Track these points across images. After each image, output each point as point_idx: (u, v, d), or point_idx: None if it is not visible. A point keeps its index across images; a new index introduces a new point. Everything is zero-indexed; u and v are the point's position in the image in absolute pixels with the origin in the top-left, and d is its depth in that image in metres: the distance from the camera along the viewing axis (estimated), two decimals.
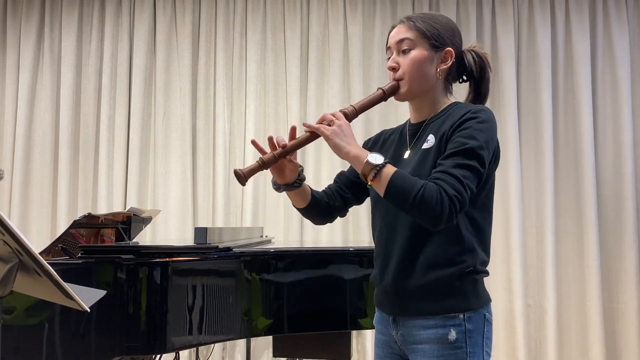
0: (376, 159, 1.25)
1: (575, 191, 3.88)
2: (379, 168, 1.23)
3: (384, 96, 1.39)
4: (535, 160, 3.90)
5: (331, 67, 3.99)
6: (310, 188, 1.54)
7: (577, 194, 3.86)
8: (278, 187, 1.46)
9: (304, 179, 1.46)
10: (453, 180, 1.21)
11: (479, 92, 1.42)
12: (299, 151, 1.41)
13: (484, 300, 1.33)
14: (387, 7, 4.04)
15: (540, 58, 3.91)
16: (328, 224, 4.02)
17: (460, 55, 1.41)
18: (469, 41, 4.06)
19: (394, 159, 1.41)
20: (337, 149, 1.29)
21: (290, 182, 1.44)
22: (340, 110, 1.36)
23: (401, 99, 1.41)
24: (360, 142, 1.41)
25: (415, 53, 1.36)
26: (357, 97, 3.92)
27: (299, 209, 1.54)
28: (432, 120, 1.39)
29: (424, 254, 1.30)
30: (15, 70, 4.14)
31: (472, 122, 1.27)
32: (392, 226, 1.35)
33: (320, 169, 3.92)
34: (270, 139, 1.38)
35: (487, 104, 1.41)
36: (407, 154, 1.40)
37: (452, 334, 1.28)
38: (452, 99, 1.43)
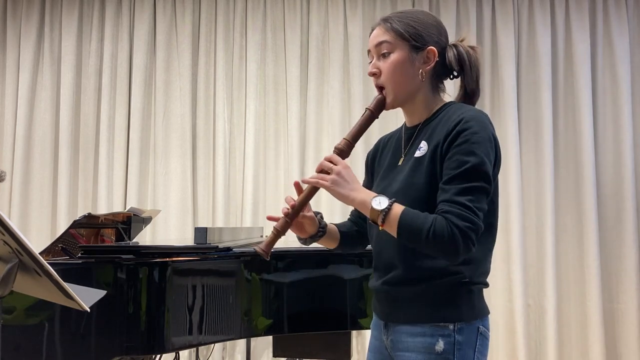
0: (380, 203, 1.21)
1: (575, 191, 3.87)
2: (385, 212, 1.20)
3: (373, 115, 1.35)
4: (535, 160, 3.90)
5: (331, 67, 3.99)
6: (337, 225, 1.53)
7: (577, 194, 3.86)
8: (304, 241, 1.45)
9: (325, 225, 1.45)
10: (461, 210, 1.16)
11: (465, 89, 1.35)
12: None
13: (479, 312, 1.28)
14: (387, 7, 4.04)
15: (540, 58, 3.91)
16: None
17: (444, 52, 1.34)
18: (468, 42, 4.06)
19: (390, 166, 1.39)
20: (342, 199, 1.26)
21: (314, 233, 1.43)
22: (336, 147, 1.31)
23: (390, 108, 1.36)
24: (364, 147, 1.39)
25: (394, 57, 1.31)
26: (357, 98, 3.93)
27: (334, 249, 1.53)
28: (426, 123, 1.34)
29: (418, 263, 1.26)
30: (15, 70, 4.14)
31: (467, 135, 1.21)
32: (386, 237, 1.31)
33: None
34: (283, 210, 1.36)
35: (487, 104, 1.39)
36: (401, 161, 1.36)
37: (440, 345, 1.23)
38: (447, 98, 1.38)
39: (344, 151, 1.31)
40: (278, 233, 1.33)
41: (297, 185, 1.38)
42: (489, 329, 1.31)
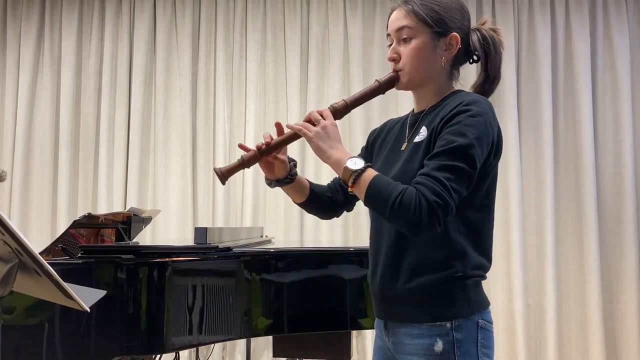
0: (356, 163, 1.17)
1: (575, 191, 3.87)
2: (357, 173, 1.16)
3: (380, 88, 1.31)
4: (535, 160, 3.90)
5: (331, 67, 3.99)
6: (311, 182, 1.49)
7: (577, 194, 3.86)
8: (270, 183, 1.43)
9: (295, 174, 1.42)
10: (435, 184, 1.11)
11: (487, 74, 1.31)
12: (300, 148, 1.41)
13: (477, 306, 1.23)
14: (387, 7, 4.03)
15: (540, 58, 3.91)
16: (328, 225, 4.01)
17: (467, 38, 1.29)
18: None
19: (393, 151, 1.35)
20: (319, 152, 1.22)
21: (282, 177, 1.40)
22: (331, 105, 1.29)
23: (402, 88, 1.32)
24: (364, 136, 1.38)
25: (416, 43, 1.26)
26: None
27: (298, 204, 1.50)
28: (431, 110, 1.30)
29: (407, 260, 1.23)
30: (15, 70, 4.14)
31: (462, 117, 1.17)
32: (380, 231, 1.30)
33: (321, 165, 3.92)
34: (257, 144, 1.34)
35: None
36: (404, 146, 1.31)
37: (439, 345, 1.19)
38: (458, 86, 1.34)
39: (338, 111, 1.29)
40: (243, 162, 1.31)
41: (279, 126, 1.36)
42: (492, 320, 1.27)
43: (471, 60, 1.34)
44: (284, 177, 1.40)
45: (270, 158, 1.36)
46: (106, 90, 4.04)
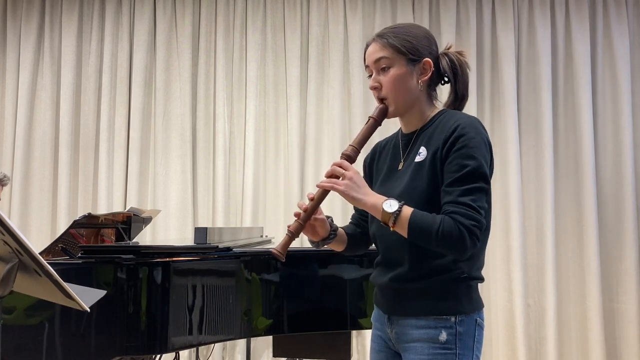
0: (391, 206, 1.29)
1: (575, 191, 3.87)
2: (396, 214, 1.28)
3: (376, 123, 1.43)
4: (535, 160, 3.90)
5: (331, 67, 3.99)
6: (344, 228, 1.59)
7: (577, 194, 3.86)
8: (317, 245, 1.50)
9: (336, 228, 1.51)
10: (466, 209, 1.26)
11: (456, 93, 1.44)
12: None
13: (477, 305, 1.38)
14: (387, 7, 4.04)
15: (540, 58, 3.91)
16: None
17: (437, 62, 1.43)
18: (468, 42, 4.09)
19: (390, 171, 1.47)
20: (355, 202, 1.34)
21: (325, 236, 1.48)
22: (343, 153, 1.39)
23: (391, 116, 1.44)
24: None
25: (394, 71, 1.39)
26: (357, 98, 3.93)
27: (341, 252, 1.60)
28: (422, 130, 1.43)
29: (424, 263, 1.35)
30: (15, 70, 4.14)
31: (465, 140, 1.30)
32: (394, 236, 1.37)
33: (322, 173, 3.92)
34: (296, 213, 1.41)
35: (487, 104, 1.42)
36: (400, 165, 1.44)
37: (443, 335, 1.33)
38: (439, 105, 1.47)
39: (351, 157, 1.39)
40: (292, 235, 1.39)
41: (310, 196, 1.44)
42: (484, 320, 1.42)
43: (442, 82, 1.47)
44: (328, 235, 1.48)
45: (311, 221, 1.43)
46: (106, 90, 4.04)
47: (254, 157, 3.96)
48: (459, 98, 1.45)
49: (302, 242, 3.72)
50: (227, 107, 4.03)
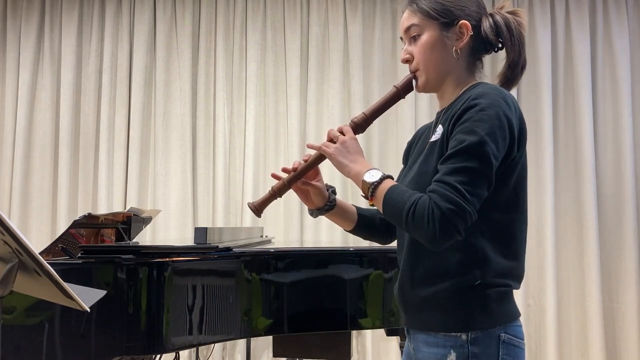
0: (372, 176, 1.14)
1: (575, 191, 3.87)
2: (374, 186, 1.13)
3: (398, 93, 1.26)
4: (535, 160, 3.90)
5: (331, 67, 3.99)
6: (358, 207, 1.44)
7: (577, 194, 3.86)
8: (312, 212, 1.41)
9: (334, 200, 1.38)
10: (447, 190, 1.05)
11: (508, 62, 1.24)
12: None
13: (500, 318, 1.13)
14: (387, 7, 4.04)
15: (540, 58, 3.91)
16: (328, 225, 4.00)
17: (479, 25, 1.22)
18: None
19: (417, 154, 1.28)
20: (340, 168, 1.21)
21: (321, 205, 1.38)
22: (352, 120, 1.26)
23: (421, 90, 1.26)
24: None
25: (424, 38, 1.21)
26: (357, 98, 3.92)
27: (350, 232, 1.44)
28: (449, 107, 1.22)
29: (423, 265, 1.17)
30: (15, 70, 4.14)
31: (472, 112, 1.10)
32: (401, 233, 1.27)
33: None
34: (284, 169, 1.33)
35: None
36: (427, 147, 1.25)
37: (452, 357, 1.12)
38: (482, 77, 1.28)
39: (359, 125, 1.26)
40: (274, 193, 1.32)
41: (309, 147, 1.34)
42: (521, 336, 1.16)
43: (496, 49, 1.26)
44: (323, 205, 1.37)
45: (301, 184, 1.34)
46: (106, 90, 4.04)
47: (254, 157, 3.96)
48: (510, 66, 1.23)
49: (302, 242, 3.73)
50: (227, 107, 4.03)
